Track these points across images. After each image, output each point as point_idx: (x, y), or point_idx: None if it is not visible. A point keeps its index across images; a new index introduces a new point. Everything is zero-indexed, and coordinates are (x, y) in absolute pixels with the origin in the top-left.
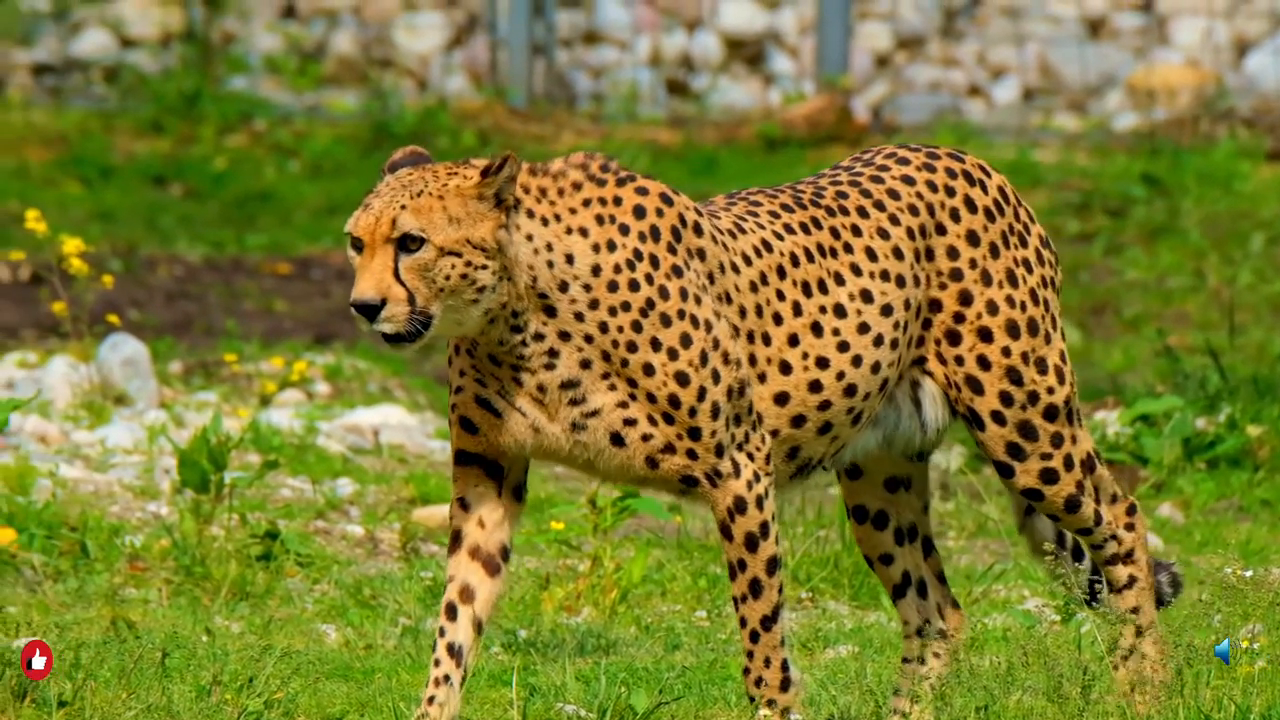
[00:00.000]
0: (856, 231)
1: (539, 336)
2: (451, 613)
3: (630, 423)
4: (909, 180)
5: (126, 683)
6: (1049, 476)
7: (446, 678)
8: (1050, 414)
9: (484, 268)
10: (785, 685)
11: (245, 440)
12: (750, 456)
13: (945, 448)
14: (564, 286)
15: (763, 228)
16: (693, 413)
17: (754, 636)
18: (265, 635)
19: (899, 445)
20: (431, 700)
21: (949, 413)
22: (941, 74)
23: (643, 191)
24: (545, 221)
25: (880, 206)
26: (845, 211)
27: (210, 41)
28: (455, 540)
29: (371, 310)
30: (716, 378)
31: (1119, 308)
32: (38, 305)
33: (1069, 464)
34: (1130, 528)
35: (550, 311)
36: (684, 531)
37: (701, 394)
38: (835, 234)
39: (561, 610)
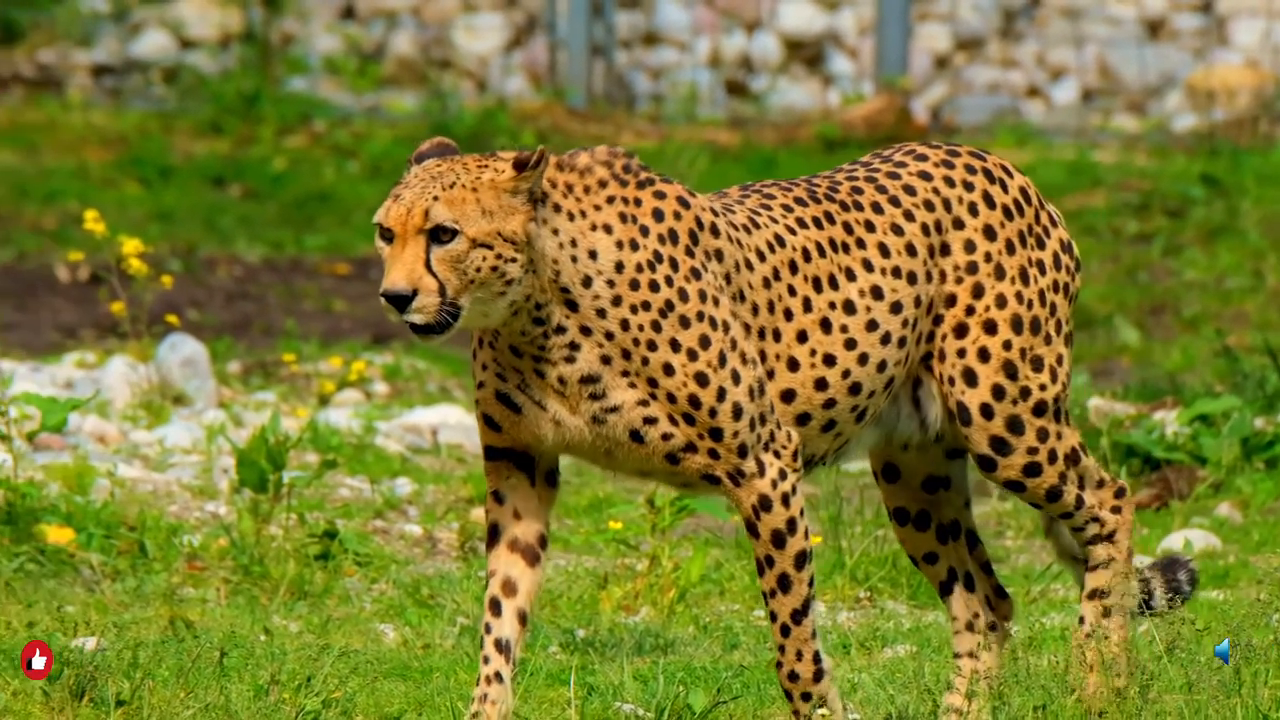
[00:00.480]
0: (870, 227)
1: (560, 329)
2: (496, 608)
3: (650, 421)
4: (926, 176)
5: (184, 682)
6: (1032, 469)
7: (498, 674)
8: (1039, 409)
9: (513, 260)
10: (818, 676)
11: (304, 440)
12: (776, 454)
13: None
14: (587, 281)
15: (775, 222)
16: (713, 413)
17: (784, 630)
18: (323, 634)
19: (897, 443)
20: (484, 698)
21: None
22: (1000, 75)
23: (660, 195)
24: (571, 216)
25: (895, 202)
26: (860, 207)
27: (269, 42)
28: (493, 534)
29: (402, 300)
30: (737, 378)
31: (1178, 308)
32: (97, 305)
33: (1053, 457)
34: (1116, 510)
35: (572, 306)
36: (742, 531)
37: (721, 394)
38: (848, 229)
39: (619, 609)
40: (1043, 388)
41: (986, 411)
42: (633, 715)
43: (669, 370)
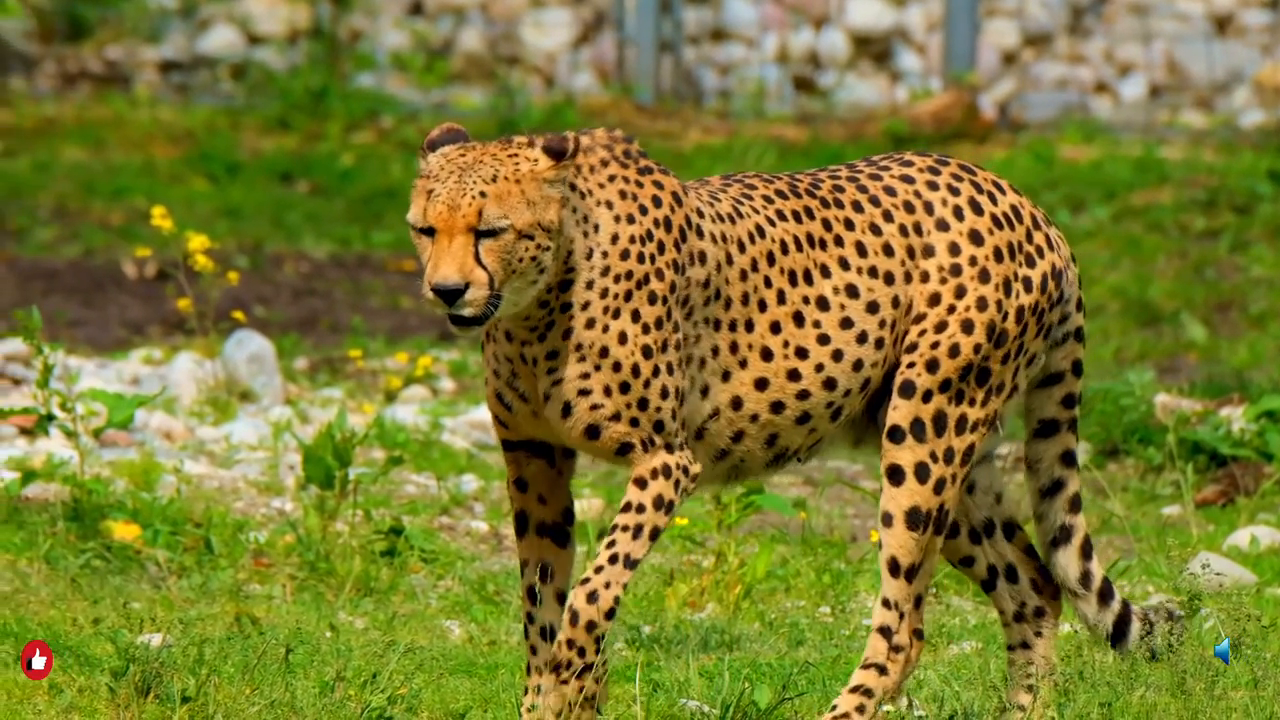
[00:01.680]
0: (849, 225)
1: (549, 308)
2: (534, 597)
3: (585, 393)
4: (908, 179)
5: (250, 678)
6: (922, 473)
7: (547, 664)
8: (960, 425)
9: (548, 249)
10: (609, 615)
11: (370, 436)
12: (683, 461)
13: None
14: (589, 254)
15: (756, 212)
16: (647, 385)
17: (613, 559)
18: (389, 631)
19: (870, 443)
20: (538, 689)
21: None
22: (1069, 71)
23: (659, 185)
24: (583, 195)
25: (875, 202)
26: (840, 204)
27: (337, 38)
28: (520, 522)
29: (453, 294)
30: (670, 370)
31: (1245, 304)
32: (164, 302)
33: (940, 486)
34: (919, 634)
35: (565, 285)
36: (808, 527)
37: (656, 371)
38: (827, 225)
39: (685, 606)
40: (972, 403)
41: (928, 395)
42: (698, 712)
43: (623, 339)
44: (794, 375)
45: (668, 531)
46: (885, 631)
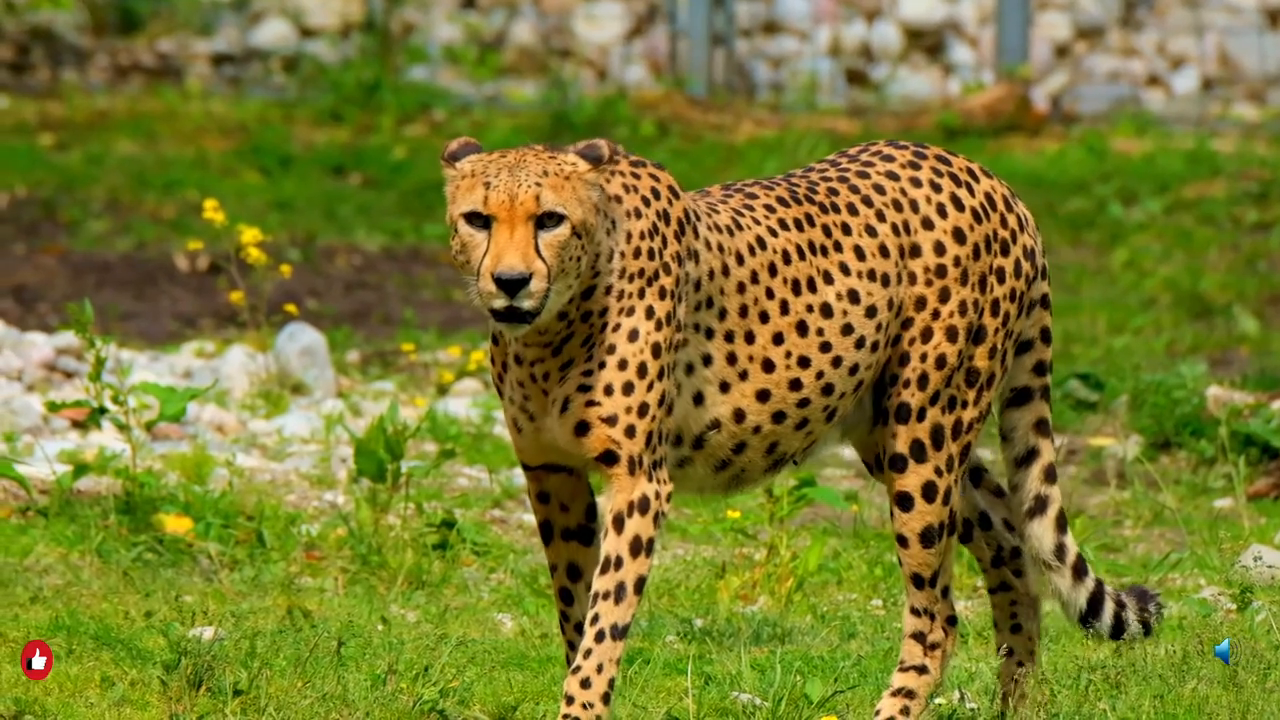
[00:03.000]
0: (846, 230)
1: (570, 320)
2: (567, 597)
3: (585, 389)
4: (893, 176)
5: (302, 671)
6: (929, 491)
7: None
8: (956, 430)
9: (585, 252)
10: (606, 700)
11: (422, 429)
12: (661, 480)
13: (1122, 437)
14: (610, 256)
15: (758, 223)
16: (650, 387)
17: (599, 637)
18: (441, 624)
19: (853, 438)
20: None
21: None
22: (1121, 64)
23: (655, 178)
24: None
25: (868, 202)
26: (836, 209)
27: (390, 31)
28: (546, 531)
29: (516, 284)
30: (661, 374)
31: None
32: (216, 295)
33: (947, 496)
34: (945, 631)
35: (588, 292)
36: (860, 520)
37: (661, 373)
38: (827, 232)
39: (737, 599)
40: (964, 405)
41: (922, 414)
42: (750, 705)
43: (633, 336)
44: (795, 385)
45: (719, 526)
46: (919, 636)
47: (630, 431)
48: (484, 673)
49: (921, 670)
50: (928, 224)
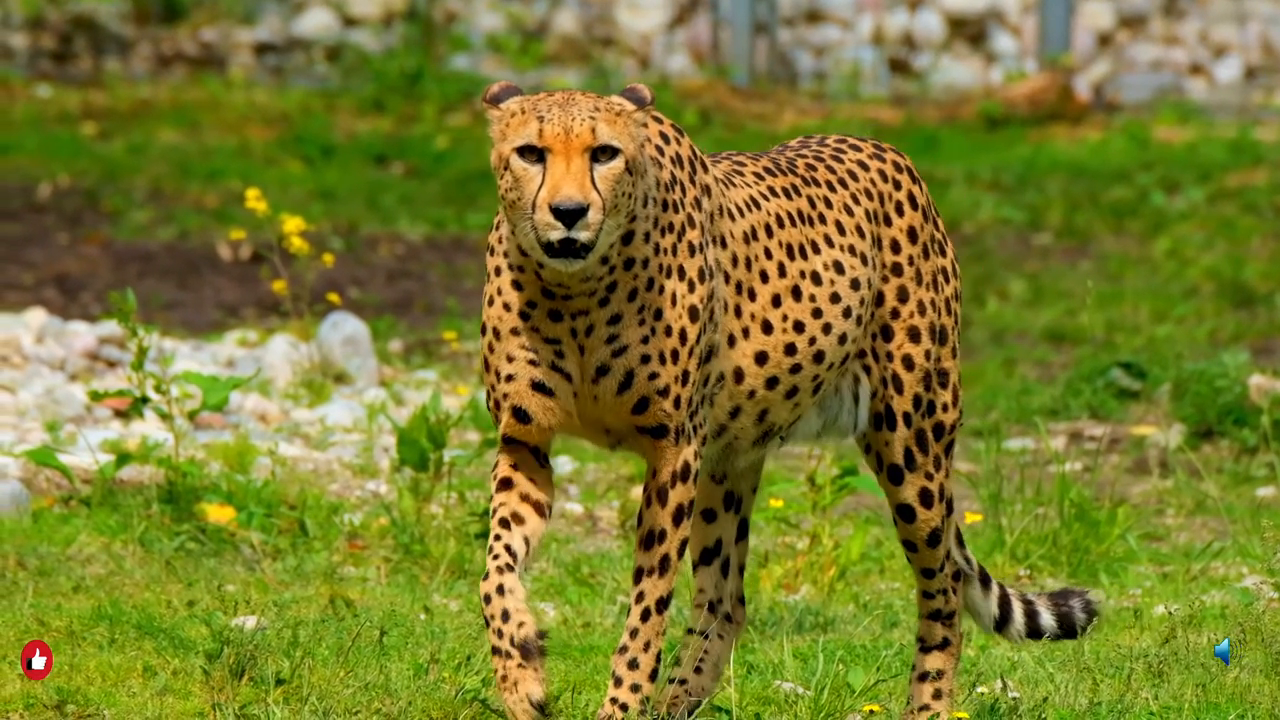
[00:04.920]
0: (828, 204)
1: (611, 267)
2: (505, 525)
3: (645, 359)
4: (864, 166)
5: (344, 661)
6: (926, 498)
7: (510, 566)
8: (938, 432)
9: (635, 189)
10: (654, 675)
11: (465, 418)
12: (697, 430)
13: (1165, 425)
14: (646, 202)
15: (749, 185)
16: (691, 353)
17: (645, 615)
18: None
19: (833, 435)
20: (500, 590)
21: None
22: (1163, 52)
23: (659, 120)
24: None
25: (844, 184)
26: (817, 183)
27: (432, 20)
28: (505, 484)
29: (574, 215)
30: (699, 336)
31: None
32: (258, 284)
33: (942, 493)
34: (955, 591)
35: (628, 237)
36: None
37: (700, 335)
38: (812, 203)
39: (780, 588)
40: (945, 408)
41: (908, 420)
42: (792, 694)
43: (674, 300)
44: (790, 350)
45: (762, 515)
46: (935, 615)
47: (677, 402)
48: None
49: (944, 645)
50: (887, 220)
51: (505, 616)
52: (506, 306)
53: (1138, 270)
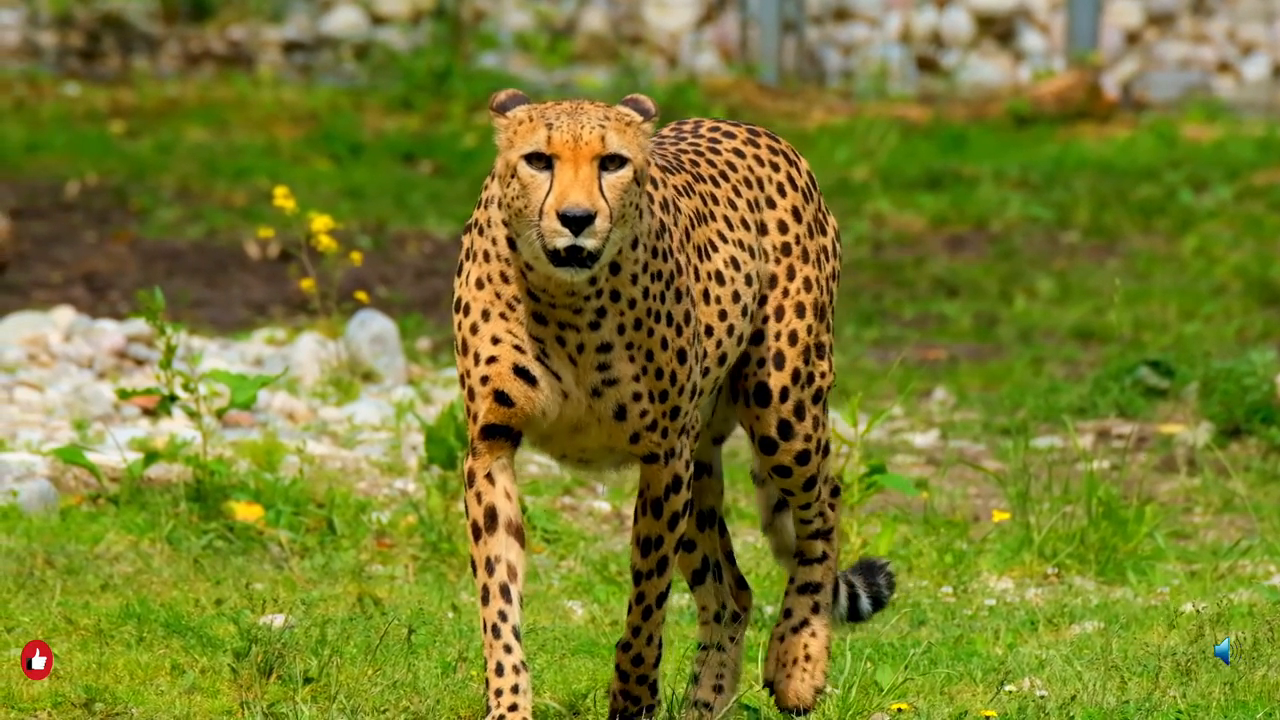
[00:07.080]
0: (715, 200)
1: (599, 292)
2: (507, 595)
3: (637, 397)
4: (739, 154)
5: (372, 659)
6: (803, 457)
7: (524, 663)
8: (816, 397)
9: (640, 200)
10: (657, 662)
11: None
12: (688, 455)
13: (1192, 424)
14: (634, 244)
15: (664, 184)
16: (681, 392)
17: (646, 613)
18: None
19: (714, 430)
20: (516, 689)
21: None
22: (1192, 50)
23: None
24: None
25: (725, 177)
26: (703, 179)
27: (461, 19)
28: (491, 518)
29: (581, 221)
30: (698, 357)
31: None
32: (286, 282)
33: (819, 447)
34: (833, 507)
35: (615, 268)
36: (930, 507)
37: (689, 374)
38: (704, 200)
39: None
40: (822, 375)
41: (784, 395)
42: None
43: (664, 344)
44: (701, 355)
45: None
46: (816, 534)
47: (665, 433)
48: (554, 660)
49: (823, 558)
50: (770, 203)
51: None
52: (498, 294)
53: (1165, 268)
